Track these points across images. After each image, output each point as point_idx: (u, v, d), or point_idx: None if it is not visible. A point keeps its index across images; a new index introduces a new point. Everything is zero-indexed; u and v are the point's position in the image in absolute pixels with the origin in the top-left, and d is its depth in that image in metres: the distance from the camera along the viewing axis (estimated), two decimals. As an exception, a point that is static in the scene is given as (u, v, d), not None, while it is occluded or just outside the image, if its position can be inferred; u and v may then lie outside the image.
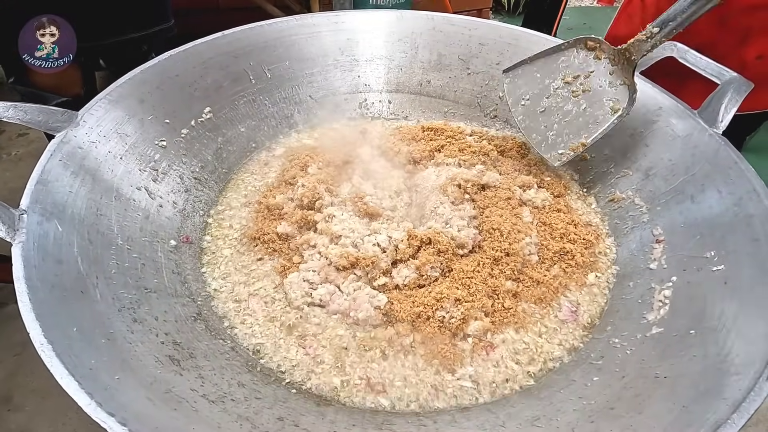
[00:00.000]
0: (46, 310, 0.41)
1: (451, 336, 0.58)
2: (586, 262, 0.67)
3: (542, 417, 0.48)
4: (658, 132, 0.73)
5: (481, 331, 0.58)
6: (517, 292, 0.62)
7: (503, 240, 0.65)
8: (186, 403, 0.42)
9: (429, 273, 0.62)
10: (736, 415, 0.38)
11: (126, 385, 0.40)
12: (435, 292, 0.60)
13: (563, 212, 0.73)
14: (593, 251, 0.69)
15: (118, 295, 0.52)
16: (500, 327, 0.59)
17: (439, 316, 0.58)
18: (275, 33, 0.92)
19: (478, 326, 0.58)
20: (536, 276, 0.64)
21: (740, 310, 0.49)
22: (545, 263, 0.66)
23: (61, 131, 0.60)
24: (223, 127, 0.84)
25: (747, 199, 0.58)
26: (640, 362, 0.51)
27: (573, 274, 0.66)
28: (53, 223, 0.51)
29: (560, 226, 0.70)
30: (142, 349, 0.46)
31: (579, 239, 0.69)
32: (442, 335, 0.58)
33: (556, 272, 0.66)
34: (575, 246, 0.68)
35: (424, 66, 0.98)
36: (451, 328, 0.58)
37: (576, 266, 0.67)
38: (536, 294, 0.63)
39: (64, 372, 0.36)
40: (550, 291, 0.63)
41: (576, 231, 0.70)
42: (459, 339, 0.58)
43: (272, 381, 0.53)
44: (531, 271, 0.65)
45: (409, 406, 0.53)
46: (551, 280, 0.64)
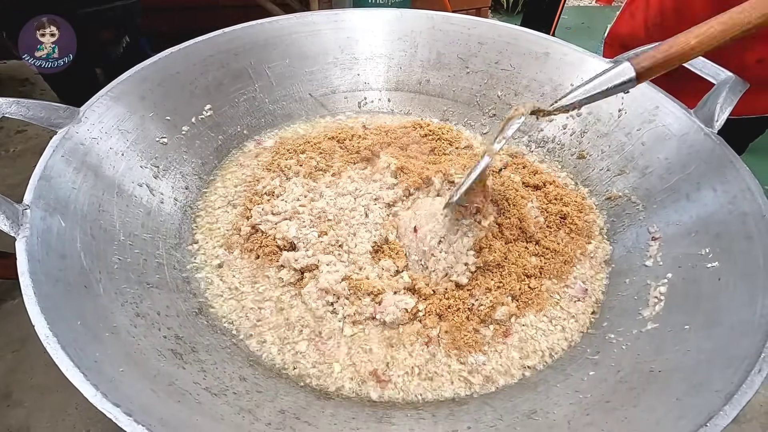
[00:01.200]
0: (50, 304, 0.42)
1: (478, 322, 0.60)
2: (584, 227, 0.71)
3: (539, 410, 0.49)
4: (654, 131, 0.74)
5: (506, 316, 0.60)
6: (542, 267, 0.66)
7: (511, 208, 0.67)
8: (189, 395, 0.43)
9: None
10: (728, 406, 0.39)
11: (130, 377, 0.40)
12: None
13: (549, 183, 0.78)
14: (586, 218, 0.73)
15: (120, 289, 0.52)
16: (524, 310, 0.62)
17: (468, 304, 0.60)
18: (275, 31, 0.92)
19: (504, 311, 0.60)
20: (552, 246, 0.67)
21: (734, 305, 0.50)
22: (551, 228, 0.70)
23: (64, 127, 0.60)
24: (224, 125, 0.84)
25: (741, 198, 0.59)
26: (636, 357, 0.52)
27: (577, 240, 0.70)
28: (56, 219, 0.52)
29: (552, 191, 0.75)
30: (145, 343, 0.47)
31: (572, 202, 0.74)
32: (467, 323, 0.59)
33: (563, 237, 0.69)
34: (570, 209, 0.72)
35: (424, 65, 0.99)
36: (480, 315, 0.60)
37: (577, 231, 0.71)
38: (556, 267, 0.66)
39: (69, 364, 0.37)
40: (566, 263, 0.67)
41: (566, 194, 0.75)
42: (484, 326, 0.60)
43: (273, 375, 0.54)
44: (546, 240, 0.68)
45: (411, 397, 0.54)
46: (565, 248, 0.68)
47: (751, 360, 0.42)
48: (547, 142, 0.89)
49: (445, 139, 0.87)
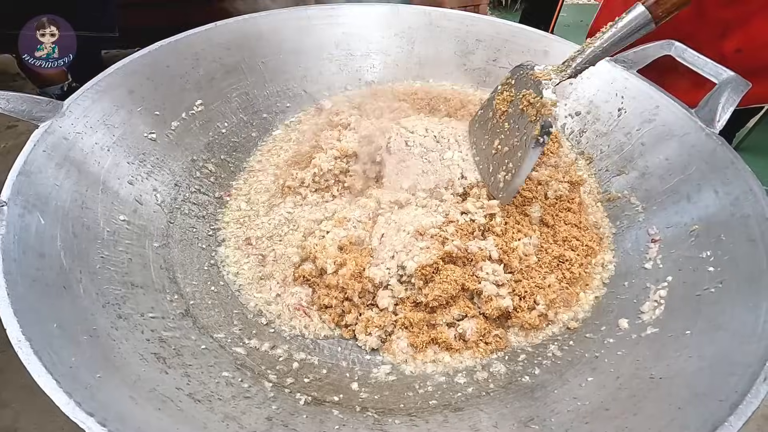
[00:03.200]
0: (25, 306, 0.40)
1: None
2: (581, 276, 0.65)
3: (536, 418, 0.47)
4: (654, 131, 0.73)
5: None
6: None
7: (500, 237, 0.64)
8: (171, 402, 0.41)
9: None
10: (733, 417, 0.37)
11: (108, 383, 0.39)
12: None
13: (572, 212, 0.70)
14: (590, 262, 0.67)
15: (102, 290, 0.50)
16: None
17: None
18: (270, 25, 0.90)
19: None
20: (530, 296, 0.62)
21: (736, 310, 0.49)
22: (541, 269, 0.64)
23: (46, 121, 0.58)
24: (215, 120, 0.82)
25: (743, 199, 0.57)
26: (635, 363, 0.51)
27: (566, 291, 0.63)
28: (35, 216, 0.50)
29: (562, 230, 0.67)
30: (126, 346, 0.45)
31: (581, 246, 0.67)
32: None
33: (552, 284, 0.62)
34: (575, 254, 0.66)
35: (420, 61, 0.97)
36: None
37: (571, 280, 0.64)
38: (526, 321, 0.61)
39: (41, 370, 0.35)
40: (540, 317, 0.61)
41: (579, 235, 0.68)
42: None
43: (261, 380, 0.52)
44: (525, 285, 0.62)
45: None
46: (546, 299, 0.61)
47: (755, 368, 0.41)
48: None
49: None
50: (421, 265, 0.59)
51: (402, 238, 0.63)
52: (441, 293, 0.58)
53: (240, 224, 0.72)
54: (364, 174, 0.74)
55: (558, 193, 0.69)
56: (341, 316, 0.61)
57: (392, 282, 0.60)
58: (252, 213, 0.74)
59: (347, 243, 0.64)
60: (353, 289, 0.60)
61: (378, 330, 0.59)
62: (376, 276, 0.60)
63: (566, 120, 0.86)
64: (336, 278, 0.61)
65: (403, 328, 0.59)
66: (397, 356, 0.58)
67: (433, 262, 0.59)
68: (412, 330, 0.59)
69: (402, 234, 0.63)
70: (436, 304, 0.59)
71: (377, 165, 0.74)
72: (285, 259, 0.66)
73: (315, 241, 0.65)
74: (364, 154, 0.74)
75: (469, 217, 0.65)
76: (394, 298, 0.60)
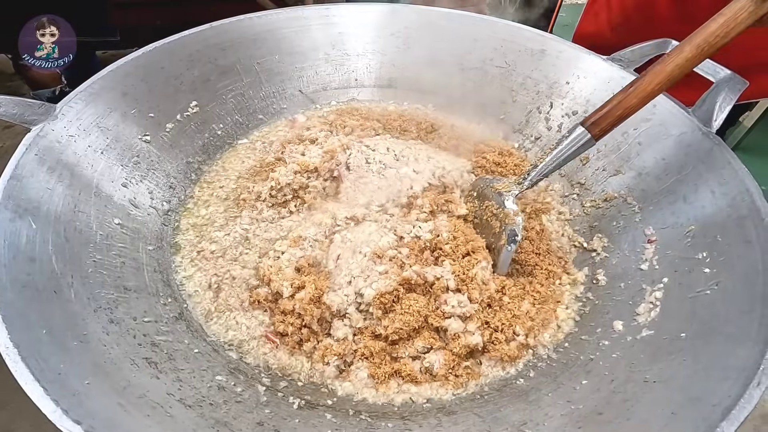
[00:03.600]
0: (14, 312, 0.40)
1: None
2: (547, 294, 0.64)
3: (529, 422, 0.47)
4: (651, 130, 0.72)
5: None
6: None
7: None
8: (160, 408, 0.40)
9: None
10: (726, 422, 0.37)
11: (97, 390, 0.38)
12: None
13: (530, 239, 0.69)
14: (553, 282, 0.66)
15: (94, 294, 0.50)
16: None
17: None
18: (265, 26, 0.90)
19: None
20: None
21: (731, 313, 0.48)
22: (514, 297, 0.62)
23: (38, 124, 0.58)
24: (211, 122, 0.82)
25: (740, 200, 0.57)
26: (630, 366, 0.50)
27: (540, 310, 0.62)
28: (27, 221, 0.49)
29: (520, 257, 0.67)
30: (117, 351, 0.45)
31: (540, 271, 0.67)
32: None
33: (527, 308, 0.61)
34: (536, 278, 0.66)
35: (417, 61, 0.96)
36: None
37: (540, 300, 0.64)
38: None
39: (29, 377, 0.35)
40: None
41: (538, 261, 0.67)
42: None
43: (255, 383, 0.52)
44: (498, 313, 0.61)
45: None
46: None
47: (749, 372, 0.40)
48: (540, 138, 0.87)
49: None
50: (379, 293, 0.56)
51: (359, 261, 0.60)
52: (402, 326, 0.55)
53: (198, 234, 0.69)
54: (324, 191, 0.73)
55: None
56: (299, 344, 0.57)
57: (350, 310, 0.57)
58: (208, 222, 0.70)
59: (305, 264, 0.61)
60: (311, 315, 0.56)
61: (337, 359, 0.55)
62: (333, 303, 0.56)
63: (563, 119, 0.85)
64: (293, 303, 0.57)
65: (363, 359, 0.56)
66: (356, 386, 0.54)
67: (393, 289, 0.56)
68: (372, 360, 0.55)
69: (359, 256, 0.60)
70: (396, 337, 0.55)
71: (336, 181, 0.73)
72: (240, 281, 0.62)
73: (270, 263, 0.62)
74: (324, 170, 0.73)
75: (414, 233, 0.63)
76: (351, 328, 0.57)
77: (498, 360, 0.57)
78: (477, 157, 0.82)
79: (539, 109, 0.88)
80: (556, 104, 0.86)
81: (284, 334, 0.57)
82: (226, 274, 0.63)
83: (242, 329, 0.58)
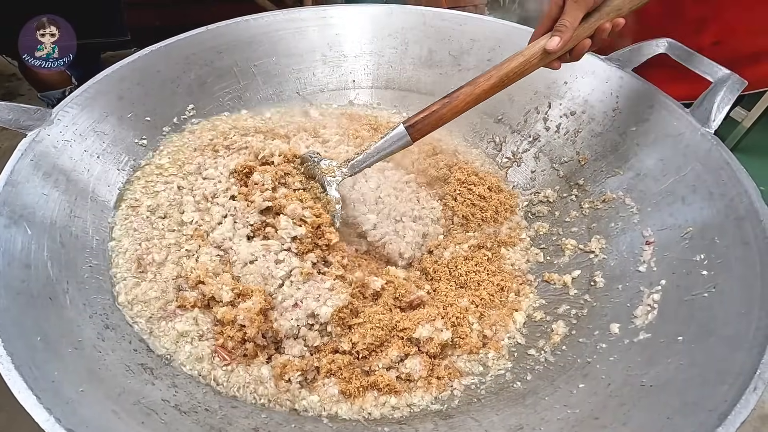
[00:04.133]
0: (8, 320, 0.40)
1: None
2: (494, 301, 0.65)
3: (525, 426, 0.47)
4: (649, 130, 0.72)
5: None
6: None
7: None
8: (155, 414, 0.41)
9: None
10: (722, 428, 0.37)
11: (91, 397, 0.38)
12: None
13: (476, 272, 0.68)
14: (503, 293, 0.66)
15: (90, 300, 0.50)
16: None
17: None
18: (261, 28, 0.89)
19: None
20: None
21: (729, 316, 0.48)
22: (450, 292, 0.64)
23: (34, 130, 0.58)
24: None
25: (738, 201, 0.56)
26: (627, 369, 0.50)
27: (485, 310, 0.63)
28: (22, 227, 0.50)
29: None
30: (112, 357, 0.45)
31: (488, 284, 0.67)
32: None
33: (465, 304, 0.62)
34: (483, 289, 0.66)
35: (414, 62, 0.96)
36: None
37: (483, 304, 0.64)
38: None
39: (22, 386, 0.35)
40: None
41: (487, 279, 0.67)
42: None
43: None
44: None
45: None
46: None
47: (746, 376, 0.40)
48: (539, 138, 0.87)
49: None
50: (337, 308, 0.54)
51: (296, 285, 0.57)
52: (374, 341, 0.54)
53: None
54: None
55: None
56: (245, 358, 0.52)
57: (302, 331, 0.55)
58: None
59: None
60: (257, 327, 0.51)
61: (299, 375, 0.51)
62: (282, 328, 0.54)
63: (561, 120, 0.85)
64: (234, 312, 0.52)
65: (330, 375, 0.53)
66: (325, 402, 0.51)
67: (348, 303, 0.55)
68: (340, 376, 0.53)
69: (289, 282, 0.57)
70: (367, 352, 0.54)
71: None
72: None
73: (191, 263, 0.57)
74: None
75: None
76: (307, 347, 0.54)
77: (468, 353, 0.58)
78: (461, 188, 0.79)
79: (537, 110, 0.87)
80: (554, 104, 0.86)
81: (222, 347, 0.52)
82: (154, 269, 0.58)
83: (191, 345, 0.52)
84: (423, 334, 0.56)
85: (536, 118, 0.87)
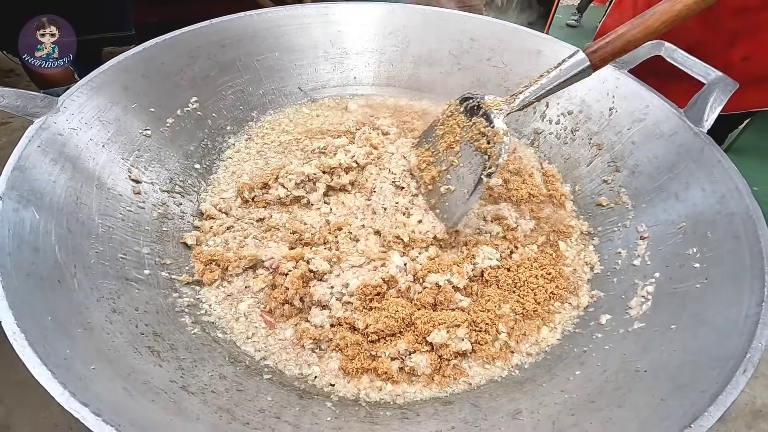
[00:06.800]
0: (19, 299, 0.40)
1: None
2: (538, 312, 0.63)
3: (524, 410, 0.48)
4: (644, 130, 0.74)
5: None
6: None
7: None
8: (164, 394, 0.41)
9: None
10: (713, 407, 0.38)
11: (102, 375, 0.39)
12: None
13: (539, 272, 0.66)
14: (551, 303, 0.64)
15: (97, 285, 0.51)
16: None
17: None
18: (265, 23, 0.90)
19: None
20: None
21: (720, 305, 0.50)
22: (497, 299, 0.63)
23: (41, 117, 0.58)
24: (210, 118, 0.83)
25: (729, 197, 0.58)
26: (622, 357, 0.52)
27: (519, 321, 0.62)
28: (30, 211, 0.50)
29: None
30: (120, 339, 0.46)
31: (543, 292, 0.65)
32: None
33: (506, 311, 0.61)
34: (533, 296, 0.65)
35: (415, 60, 0.98)
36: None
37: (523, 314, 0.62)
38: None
39: (36, 361, 0.35)
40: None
41: (544, 284, 0.65)
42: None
43: (255, 373, 0.52)
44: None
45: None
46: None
47: (736, 360, 0.42)
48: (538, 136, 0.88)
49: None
50: (363, 284, 0.58)
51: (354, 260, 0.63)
52: (384, 328, 0.56)
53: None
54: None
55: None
56: (283, 317, 0.59)
57: (332, 302, 0.59)
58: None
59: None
60: (296, 290, 0.58)
61: (311, 343, 0.56)
62: (315, 293, 0.59)
63: (559, 119, 0.87)
64: (283, 278, 0.60)
65: (337, 350, 0.56)
66: (326, 375, 0.55)
67: (377, 284, 0.58)
68: (345, 353, 0.55)
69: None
70: (375, 337, 0.56)
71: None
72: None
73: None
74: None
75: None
76: (330, 318, 0.58)
77: (481, 359, 0.57)
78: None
79: (535, 109, 0.89)
80: (552, 104, 0.88)
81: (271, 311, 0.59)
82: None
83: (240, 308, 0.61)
84: (436, 339, 0.55)
85: (534, 117, 0.90)
